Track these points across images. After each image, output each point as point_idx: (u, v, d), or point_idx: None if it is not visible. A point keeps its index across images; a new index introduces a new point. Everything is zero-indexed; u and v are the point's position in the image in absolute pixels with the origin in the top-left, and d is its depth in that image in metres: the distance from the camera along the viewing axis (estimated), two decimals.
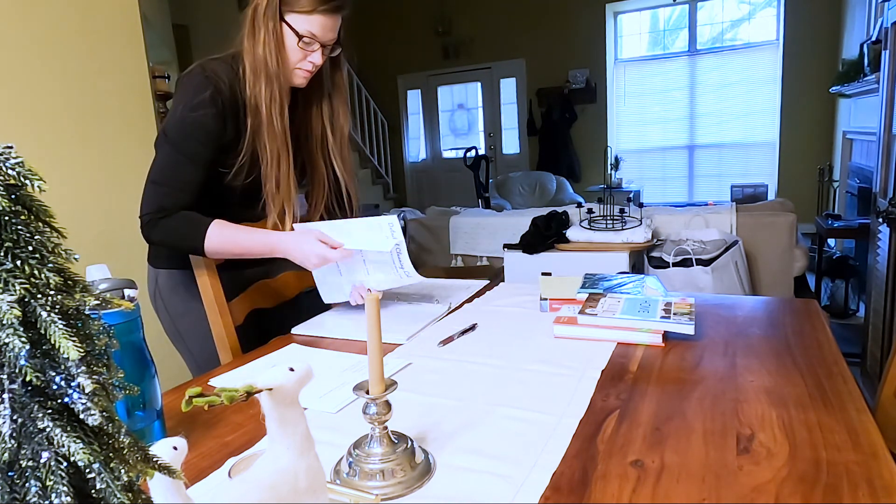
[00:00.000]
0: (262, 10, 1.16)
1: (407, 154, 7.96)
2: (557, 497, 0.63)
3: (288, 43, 1.18)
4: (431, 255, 3.85)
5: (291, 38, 1.18)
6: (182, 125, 1.17)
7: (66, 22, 1.83)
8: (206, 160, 1.19)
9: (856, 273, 3.43)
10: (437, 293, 1.48)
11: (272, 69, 1.17)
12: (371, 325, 0.65)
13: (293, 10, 1.16)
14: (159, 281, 1.33)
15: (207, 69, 1.19)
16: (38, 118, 1.78)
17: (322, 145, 1.36)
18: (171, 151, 1.18)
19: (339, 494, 0.63)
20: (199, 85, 1.17)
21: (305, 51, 1.19)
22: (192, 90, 1.17)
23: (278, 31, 1.17)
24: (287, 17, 1.16)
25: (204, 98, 1.16)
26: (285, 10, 1.16)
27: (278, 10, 1.16)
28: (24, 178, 0.34)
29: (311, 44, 1.18)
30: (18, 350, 0.33)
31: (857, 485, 0.62)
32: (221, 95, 1.18)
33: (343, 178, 1.39)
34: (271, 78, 1.18)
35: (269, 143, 1.21)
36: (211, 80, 1.17)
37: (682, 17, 6.39)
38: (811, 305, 1.25)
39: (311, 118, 1.34)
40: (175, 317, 1.33)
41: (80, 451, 0.34)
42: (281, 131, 1.21)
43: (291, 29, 1.17)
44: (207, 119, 1.17)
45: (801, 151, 5.77)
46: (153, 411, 0.80)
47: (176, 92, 1.22)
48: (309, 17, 1.16)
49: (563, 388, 0.90)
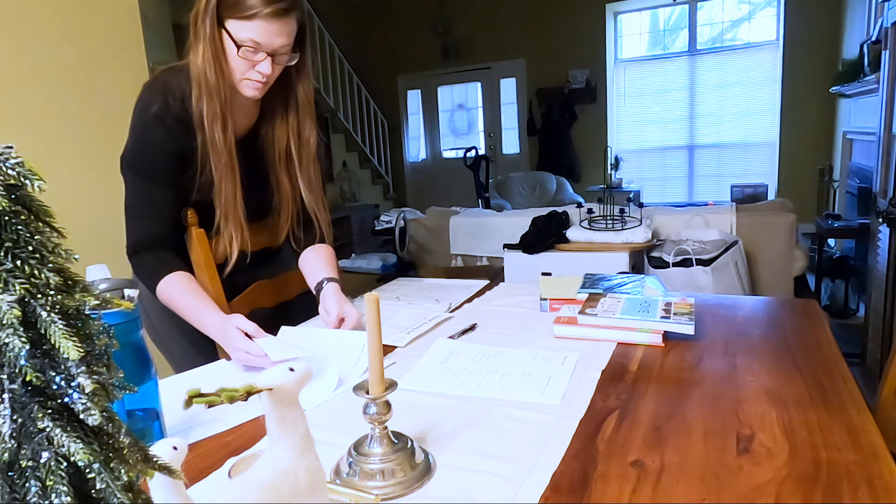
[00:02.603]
0: (200, 16, 1.04)
1: (407, 154, 7.96)
2: (557, 497, 0.63)
3: (229, 52, 1.06)
4: (431, 255, 3.85)
5: (232, 48, 1.05)
6: (136, 148, 1.13)
7: (66, 22, 1.83)
8: (169, 179, 1.15)
9: (856, 273, 3.43)
10: (437, 293, 1.48)
11: (211, 82, 1.07)
12: (371, 326, 0.65)
13: (232, 15, 1.03)
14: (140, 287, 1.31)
15: (158, 82, 1.12)
16: (38, 118, 1.78)
17: (287, 163, 1.25)
18: (134, 178, 1.15)
19: (339, 494, 0.63)
20: (146, 102, 1.11)
21: (249, 60, 1.06)
22: (140, 108, 1.12)
23: (217, 40, 1.05)
24: (227, 24, 1.04)
25: (150, 116, 1.10)
26: (225, 16, 1.04)
27: (216, 17, 1.04)
28: (24, 178, 0.34)
29: (255, 52, 1.05)
30: (18, 350, 0.33)
31: (857, 485, 0.62)
32: (170, 110, 1.10)
33: (308, 202, 1.27)
34: (211, 92, 1.07)
35: (214, 162, 1.12)
36: (158, 94, 1.10)
37: (682, 17, 6.39)
38: (811, 305, 1.25)
39: (275, 133, 1.23)
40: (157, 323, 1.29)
41: (80, 451, 0.34)
42: (224, 150, 1.11)
43: (230, 37, 1.04)
44: (157, 138, 1.10)
45: (801, 151, 5.77)
46: (153, 411, 0.80)
47: None
48: (249, 22, 1.03)
49: (563, 388, 0.89)
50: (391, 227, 4.60)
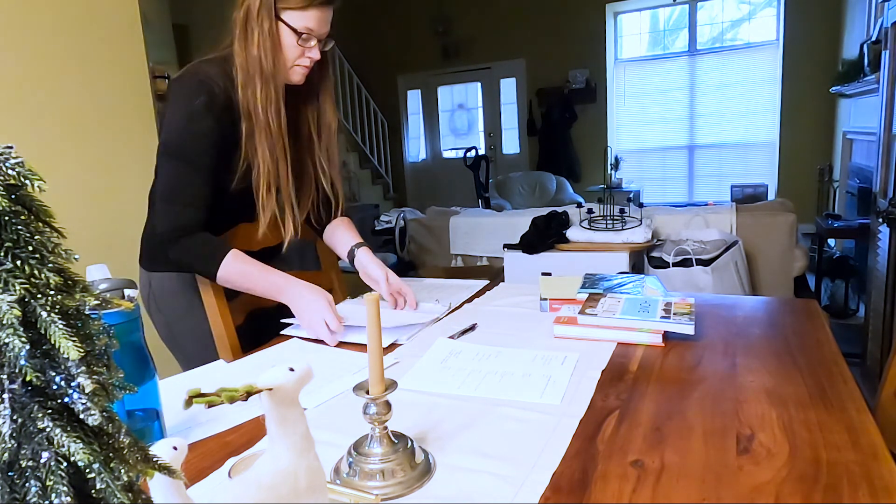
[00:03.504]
0: (255, 10, 1.14)
1: (407, 154, 7.96)
2: (557, 497, 0.63)
3: (285, 41, 1.17)
4: (431, 255, 3.85)
5: (289, 36, 1.16)
6: (182, 136, 1.16)
7: (66, 22, 1.83)
8: (211, 169, 1.18)
9: (856, 273, 3.43)
10: (437, 293, 1.48)
11: (267, 70, 1.15)
12: (371, 325, 0.65)
13: (288, 6, 1.14)
14: (153, 284, 1.32)
15: (200, 73, 1.17)
16: (38, 118, 1.78)
17: (309, 145, 1.33)
18: (177, 165, 1.17)
19: (339, 494, 0.63)
20: (193, 91, 1.15)
21: (304, 47, 1.18)
22: (186, 98, 1.16)
23: (274, 31, 1.15)
24: (283, 15, 1.15)
25: (198, 106, 1.15)
26: (280, 9, 1.15)
27: (273, 9, 1.14)
28: (24, 178, 0.34)
29: (308, 39, 1.17)
30: (18, 350, 0.33)
31: (857, 485, 0.62)
32: (216, 100, 1.16)
33: (331, 177, 1.36)
34: (267, 79, 1.16)
35: (266, 146, 1.19)
36: (204, 84, 1.16)
37: (682, 18, 6.39)
38: (811, 305, 1.25)
39: (298, 117, 1.31)
40: (171, 320, 1.32)
41: (80, 451, 0.34)
42: (278, 133, 1.19)
43: (288, 26, 1.15)
44: (206, 127, 1.15)
45: (801, 151, 5.77)
46: (153, 411, 0.80)
47: (169, 98, 1.19)
48: (304, 12, 1.15)
49: (563, 388, 0.89)
50: (391, 227, 4.61)
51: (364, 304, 0.66)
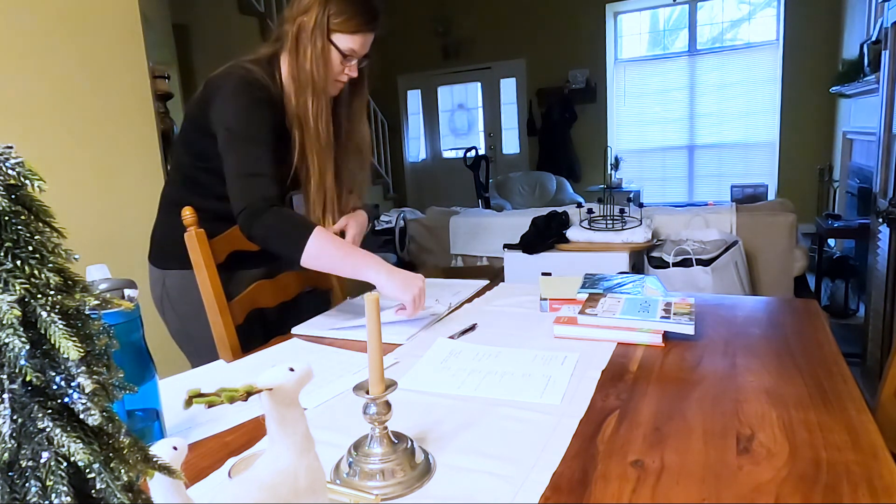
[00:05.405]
0: (309, 29, 1.24)
1: (407, 154, 7.95)
2: (557, 497, 0.63)
3: (332, 59, 1.27)
4: (431, 255, 3.85)
5: (336, 56, 1.26)
6: (248, 121, 1.21)
7: (66, 22, 1.83)
8: (275, 152, 1.23)
9: (856, 273, 3.43)
10: (437, 293, 1.48)
11: (319, 84, 1.25)
12: (371, 325, 0.65)
13: (339, 30, 1.25)
14: (167, 283, 1.32)
15: (253, 72, 1.24)
16: (38, 118, 1.78)
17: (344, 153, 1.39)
18: (247, 145, 1.21)
19: (339, 494, 0.63)
20: (249, 85, 1.23)
21: (346, 65, 1.28)
22: (244, 89, 1.22)
23: (325, 50, 1.25)
24: (333, 37, 1.25)
25: (257, 99, 1.22)
26: (332, 31, 1.25)
27: (326, 30, 1.24)
28: (24, 178, 0.34)
29: (351, 59, 1.28)
30: (18, 350, 0.33)
31: (857, 485, 0.62)
32: (268, 94, 1.25)
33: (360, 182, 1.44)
34: (318, 92, 1.25)
35: (316, 154, 1.28)
36: (258, 80, 1.24)
37: (682, 18, 6.39)
38: (811, 305, 1.25)
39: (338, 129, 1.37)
40: (185, 319, 1.32)
41: (80, 451, 0.34)
42: (326, 141, 1.29)
43: (336, 48, 1.25)
44: (266, 115, 1.23)
45: (801, 151, 5.77)
46: (153, 411, 0.80)
47: (217, 94, 1.24)
48: (353, 36, 1.25)
49: (563, 388, 0.89)
50: (391, 227, 4.61)
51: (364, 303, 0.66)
